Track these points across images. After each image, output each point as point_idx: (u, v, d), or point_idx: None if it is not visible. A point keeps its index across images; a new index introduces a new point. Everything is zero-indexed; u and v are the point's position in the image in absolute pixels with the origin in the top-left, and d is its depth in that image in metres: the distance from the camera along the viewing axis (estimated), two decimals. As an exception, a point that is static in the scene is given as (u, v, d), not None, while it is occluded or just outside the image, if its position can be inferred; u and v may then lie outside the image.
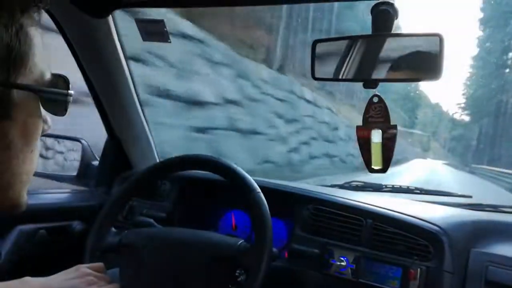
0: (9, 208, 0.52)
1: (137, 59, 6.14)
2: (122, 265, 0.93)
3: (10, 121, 0.47)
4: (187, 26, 7.94)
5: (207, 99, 8.45)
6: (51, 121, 0.56)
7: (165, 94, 7.17)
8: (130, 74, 1.31)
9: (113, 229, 1.00)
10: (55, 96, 0.53)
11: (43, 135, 0.55)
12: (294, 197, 1.15)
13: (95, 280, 0.85)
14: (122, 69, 1.27)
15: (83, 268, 0.87)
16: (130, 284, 0.90)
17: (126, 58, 1.27)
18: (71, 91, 0.55)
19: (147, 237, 0.95)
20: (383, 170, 0.71)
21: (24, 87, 0.48)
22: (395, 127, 0.70)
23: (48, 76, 0.52)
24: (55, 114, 0.55)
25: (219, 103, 8.92)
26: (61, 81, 0.54)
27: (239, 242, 0.88)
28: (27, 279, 0.80)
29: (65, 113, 0.55)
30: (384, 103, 0.70)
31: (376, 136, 0.70)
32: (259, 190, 0.91)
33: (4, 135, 0.47)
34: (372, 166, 0.71)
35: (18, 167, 0.50)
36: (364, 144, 0.71)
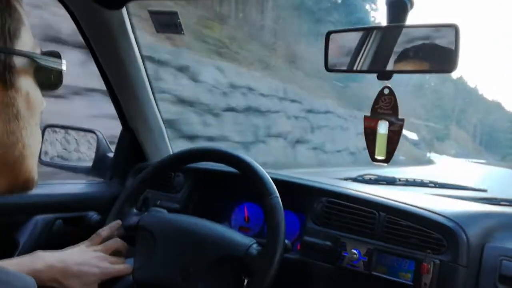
0: (22, 184, 0.52)
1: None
2: (137, 248, 0.95)
3: (15, 91, 0.48)
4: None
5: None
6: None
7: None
8: (144, 66, 1.32)
9: (134, 210, 1.02)
10: (51, 63, 0.53)
11: (56, 126, 0.56)
12: (307, 190, 1.15)
13: (107, 256, 0.89)
14: (136, 61, 1.27)
15: (97, 247, 0.92)
16: (141, 268, 0.91)
17: (140, 50, 1.28)
18: (64, 60, 0.56)
19: (164, 221, 0.96)
20: (386, 161, 0.72)
21: (24, 54, 0.48)
22: (402, 120, 0.70)
23: (39, 52, 0.53)
24: (50, 88, 0.55)
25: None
26: (52, 55, 0.55)
27: (250, 244, 0.88)
28: (39, 253, 0.82)
29: (60, 86, 0.56)
30: (394, 96, 0.70)
31: (383, 127, 0.71)
32: (277, 194, 0.90)
33: (12, 104, 0.47)
34: (376, 156, 0.73)
35: (28, 138, 0.50)
36: (370, 135, 0.73)
